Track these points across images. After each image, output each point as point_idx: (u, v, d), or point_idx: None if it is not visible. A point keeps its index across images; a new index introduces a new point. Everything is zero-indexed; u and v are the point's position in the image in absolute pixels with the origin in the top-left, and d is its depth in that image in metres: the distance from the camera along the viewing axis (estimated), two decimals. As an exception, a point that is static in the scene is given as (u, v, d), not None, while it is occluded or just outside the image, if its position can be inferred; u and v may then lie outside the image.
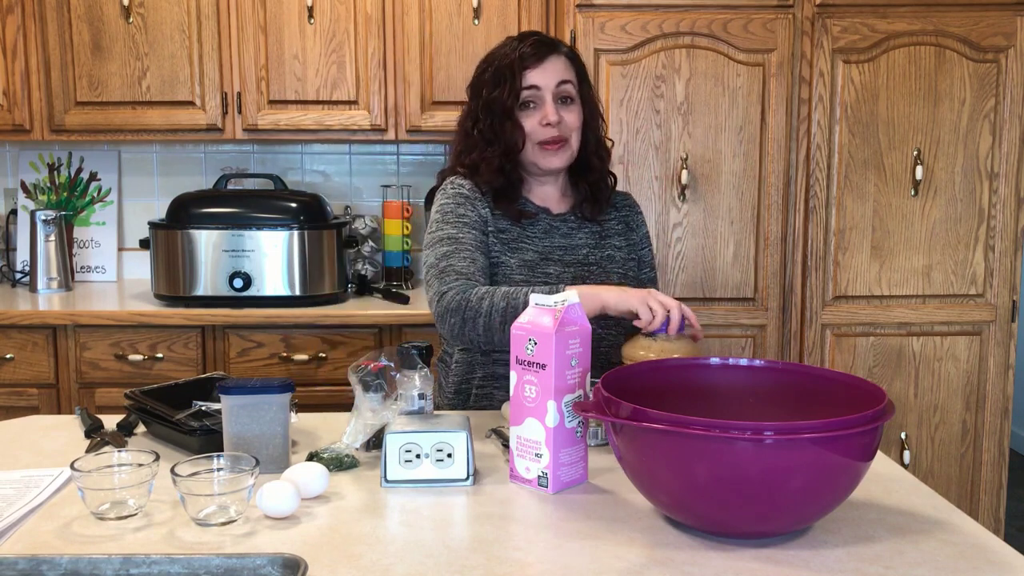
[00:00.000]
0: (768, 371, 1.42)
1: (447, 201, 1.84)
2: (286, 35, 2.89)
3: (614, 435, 1.24)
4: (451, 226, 1.80)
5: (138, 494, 1.28)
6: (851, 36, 2.63)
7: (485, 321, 1.66)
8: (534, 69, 1.81)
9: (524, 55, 1.81)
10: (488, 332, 1.66)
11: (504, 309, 1.64)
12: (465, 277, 1.72)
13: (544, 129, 1.81)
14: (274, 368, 2.73)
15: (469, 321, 1.67)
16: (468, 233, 1.79)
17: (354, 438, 1.47)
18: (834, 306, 2.72)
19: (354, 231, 3.12)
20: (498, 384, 1.84)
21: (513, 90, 1.80)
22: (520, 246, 1.84)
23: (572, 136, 1.85)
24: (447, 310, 1.69)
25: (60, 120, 2.92)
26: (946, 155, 2.69)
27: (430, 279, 1.76)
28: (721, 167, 2.67)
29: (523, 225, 1.86)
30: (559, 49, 1.86)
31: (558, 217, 1.91)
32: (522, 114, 1.83)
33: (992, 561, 1.15)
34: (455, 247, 1.77)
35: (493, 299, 1.66)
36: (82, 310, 2.73)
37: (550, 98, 1.81)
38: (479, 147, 1.85)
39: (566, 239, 1.89)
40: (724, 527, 1.20)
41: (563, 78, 1.83)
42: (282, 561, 1.08)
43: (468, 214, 1.82)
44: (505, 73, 1.81)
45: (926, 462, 2.77)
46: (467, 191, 1.85)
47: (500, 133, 1.82)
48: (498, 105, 1.81)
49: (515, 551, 1.18)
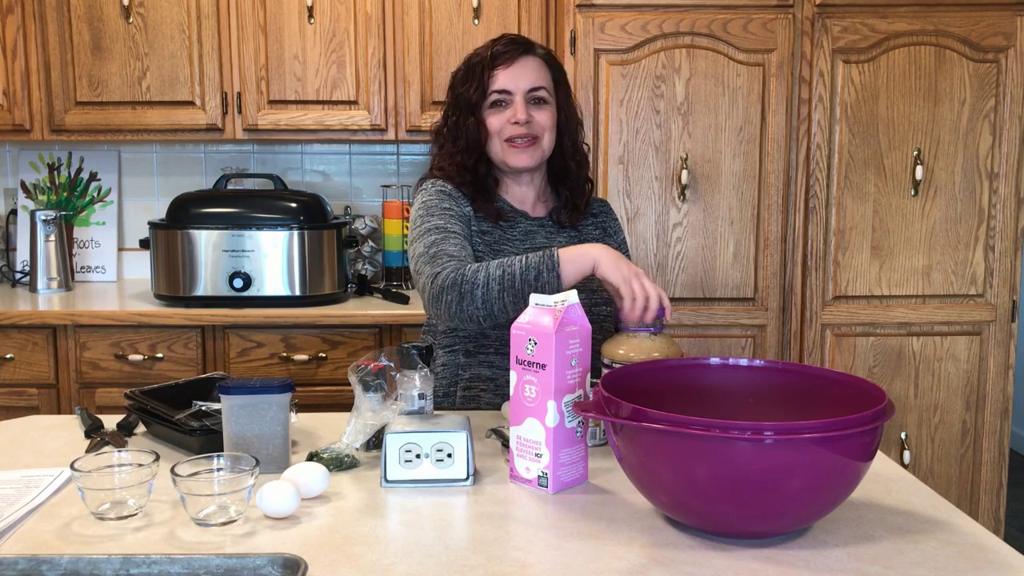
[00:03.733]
0: (768, 371, 1.42)
1: (430, 197, 1.83)
2: (286, 35, 2.89)
3: (614, 435, 1.24)
4: (437, 217, 1.78)
5: (138, 494, 1.28)
6: (851, 36, 2.63)
7: (483, 292, 1.62)
8: (505, 69, 1.80)
9: (496, 54, 1.81)
10: (487, 303, 1.62)
11: (501, 277, 1.61)
12: (457, 259, 1.69)
13: (512, 127, 1.80)
14: (274, 368, 2.73)
15: (467, 295, 1.63)
16: (455, 224, 1.78)
17: (354, 438, 1.47)
18: (834, 306, 2.72)
19: (354, 231, 3.12)
20: (484, 386, 1.83)
21: (480, 86, 1.80)
22: (501, 248, 1.84)
23: (544, 136, 1.83)
24: (443, 288, 1.64)
25: (60, 120, 2.92)
26: (946, 155, 2.69)
27: (420, 266, 1.72)
28: (721, 167, 2.67)
29: (503, 227, 1.86)
30: (534, 51, 1.84)
31: (535, 221, 1.90)
32: (491, 112, 1.82)
33: (992, 561, 1.15)
34: (444, 235, 1.74)
35: (488, 269, 1.63)
36: (82, 310, 2.73)
37: (520, 99, 1.80)
38: (446, 146, 1.85)
39: (546, 242, 1.88)
40: (724, 527, 1.20)
41: (535, 84, 1.81)
42: (282, 561, 1.08)
43: (453, 207, 1.81)
44: (475, 70, 1.81)
45: (926, 462, 2.77)
46: (449, 189, 1.85)
47: (463, 129, 1.82)
48: (463, 101, 1.82)
49: (515, 551, 1.18)
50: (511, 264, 1.62)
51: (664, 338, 1.57)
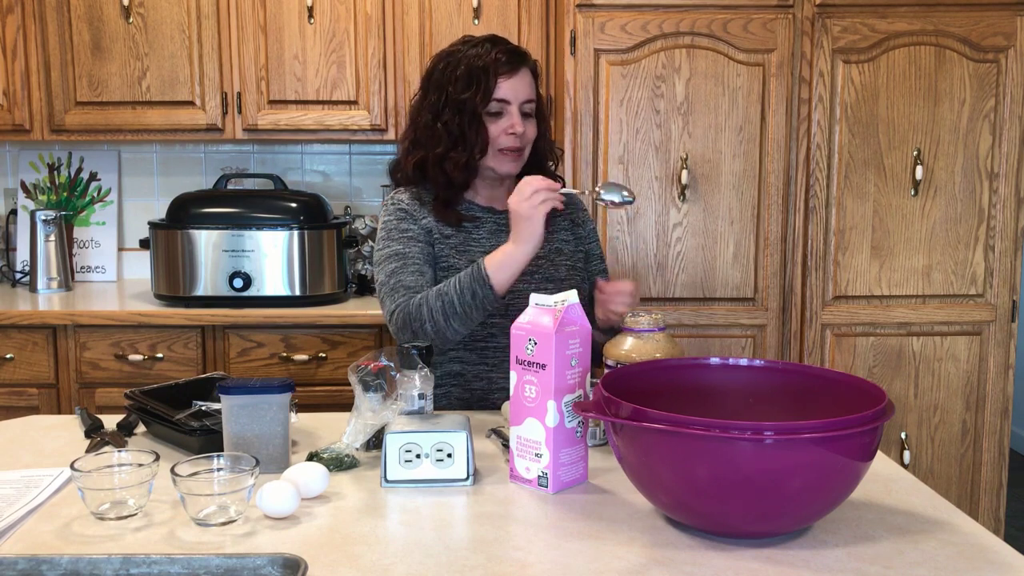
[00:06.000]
0: (768, 371, 1.42)
1: (389, 218, 1.89)
2: (286, 35, 2.89)
3: (614, 435, 1.24)
4: (396, 242, 1.85)
5: (138, 494, 1.28)
6: (851, 36, 2.63)
7: (431, 325, 1.72)
8: (508, 78, 1.84)
9: (499, 61, 1.83)
10: (439, 332, 1.72)
11: (442, 307, 1.71)
12: (413, 291, 1.77)
13: (508, 137, 1.85)
14: (274, 368, 2.73)
15: (419, 331, 1.73)
16: (413, 247, 1.84)
17: (354, 438, 1.47)
18: (834, 306, 2.72)
19: (354, 231, 3.12)
20: (455, 382, 1.87)
21: (486, 94, 1.82)
22: (468, 248, 1.87)
23: (527, 147, 1.90)
24: (398, 328, 1.77)
25: (60, 120, 2.92)
26: (946, 155, 2.69)
27: (383, 297, 1.82)
28: (721, 167, 2.67)
29: (468, 228, 1.89)
30: (527, 62, 1.89)
31: (503, 215, 1.92)
32: (488, 120, 1.85)
33: (992, 561, 1.15)
34: (402, 263, 1.82)
35: (428, 302, 1.72)
36: (82, 310, 2.73)
37: (516, 110, 1.85)
38: (443, 142, 1.86)
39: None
40: (724, 527, 1.20)
41: (529, 96, 1.87)
42: (282, 561, 1.08)
43: (411, 228, 1.86)
44: (479, 76, 1.83)
45: (926, 462, 2.77)
46: (406, 205, 1.89)
47: (467, 133, 1.84)
48: (469, 106, 1.83)
49: (515, 551, 1.18)
50: (447, 291, 1.71)
51: (666, 338, 1.58)
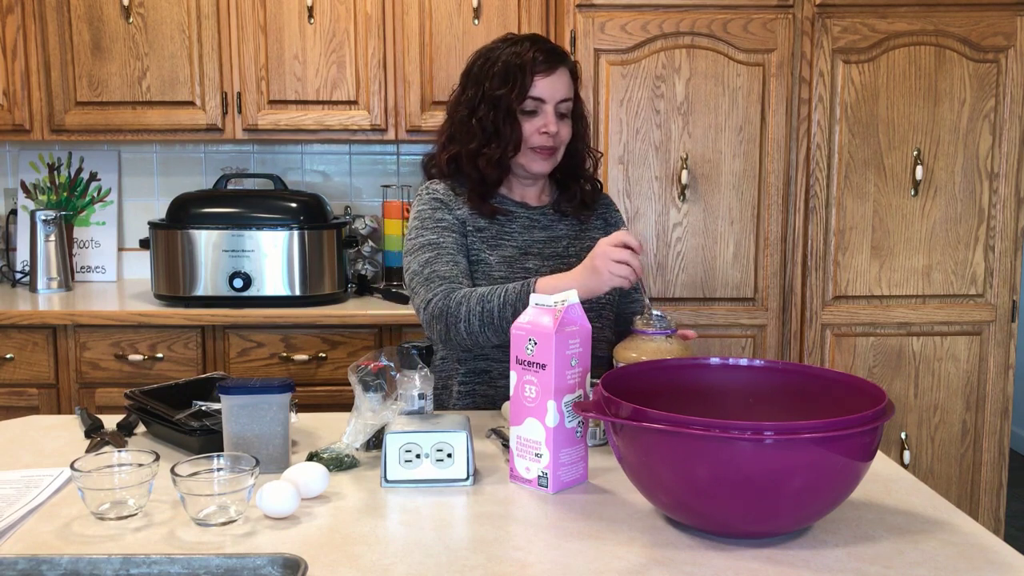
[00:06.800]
0: (768, 371, 1.42)
1: (423, 207, 1.88)
2: (286, 35, 2.89)
3: (614, 435, 1.24)
4: (430, 231, 1.84)
5: (138, 494, 1.28)
6: (851, 36, 2.63)
7: (465, 327, 1.70)
8: (545, 77, 1.83)
9: (537, 60, 1.82)
10: (471, 335, 1.71)
11: (481, 313, 1.69)
12: (448, 281, 1.76)
13: (541, 136, 1.84)
14: (274, 368, 2.73)
15: (452, 327, 1.72)
16: (448, 237, 1.83)
17: (354, 438, 1.47)
18: (834, 306, 2.72)
19: (354, 231, 3.12)
20: (480, 380, 1.87)
21: (522, 91, 1.82)
22: (500, 242, 1.87)
23: (561, 148, 1.89)
24: (432, 317, 1.74)
25: (60, 120, 2.92)
26: (946, 155, 2.69)
27: (415, 287, 1.80)
28: (721, 167, 2.67)
29: (501, 221, 1.89)
30: (566, 62, 1.88)
31: (537, 210, 1.93)
32: (523, 117, 1.84)
33: (992, 561, 1.15)
34: (437, 252, 1.80)
35: (470, 304, 1.70)
36: (82, 310, 2.73)
37: (552, 110, 1.84)
38: (477, 138, 1.85)
39: (546, 232, 1.92)
40: (724, 527, 1.20)
41: (565, 96, 1.86)
42: (282, 561, 1.08)
43: (446, 218, 1.85)
44: (516, 73, 1.82)
45: (926, 462, 2.77)
46: (442, 195, 1.88)
47: (501, 130, 1.83)
48: (504, 103, 1.82)
49: (515, 551, 1.18)
50: (491, 299, 1.69)
51: (676, 341, 1.59)
